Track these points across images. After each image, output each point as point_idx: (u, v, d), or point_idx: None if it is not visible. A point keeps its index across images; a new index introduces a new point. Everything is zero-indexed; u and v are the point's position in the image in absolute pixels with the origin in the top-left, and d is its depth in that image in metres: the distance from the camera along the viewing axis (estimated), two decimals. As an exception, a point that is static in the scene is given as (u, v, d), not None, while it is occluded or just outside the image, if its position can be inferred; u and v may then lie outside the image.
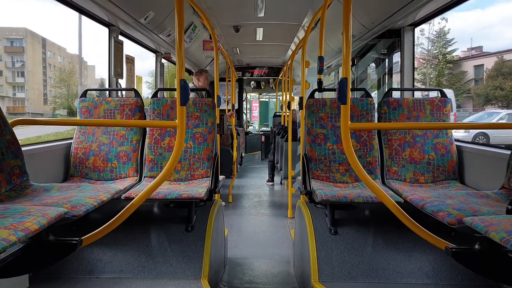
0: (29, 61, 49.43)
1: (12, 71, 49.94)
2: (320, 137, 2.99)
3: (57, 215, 1.47)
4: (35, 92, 49.29)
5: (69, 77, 43.95)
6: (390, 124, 2.97)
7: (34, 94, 49.42)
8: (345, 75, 1.69)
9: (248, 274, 3.12)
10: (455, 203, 1.79)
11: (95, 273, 2.29)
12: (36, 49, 49.52)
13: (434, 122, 2.98)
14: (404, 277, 2.25)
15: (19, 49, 49.00)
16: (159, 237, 2.47)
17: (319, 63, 2.97)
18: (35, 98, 46.57)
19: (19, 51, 49.07)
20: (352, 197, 2.33)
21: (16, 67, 49.82)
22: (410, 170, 2.91)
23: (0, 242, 1.11)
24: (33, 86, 49.07)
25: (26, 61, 49.12)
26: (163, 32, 4.25)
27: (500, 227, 1.30)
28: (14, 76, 49.95)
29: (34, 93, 49.39)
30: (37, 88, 48.38)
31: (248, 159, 9.94)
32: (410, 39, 3.88)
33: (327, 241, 2.44)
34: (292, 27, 5.27)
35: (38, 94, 47.25)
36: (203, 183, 2.79)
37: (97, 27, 3.95)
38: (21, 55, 49.09)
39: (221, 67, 7.98)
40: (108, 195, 2.00)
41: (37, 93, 48.04)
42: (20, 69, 49.67)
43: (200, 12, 3.38)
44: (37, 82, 49.71)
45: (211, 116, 3.06)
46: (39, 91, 47.83)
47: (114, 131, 2.99)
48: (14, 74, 49.97)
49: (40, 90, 48.10)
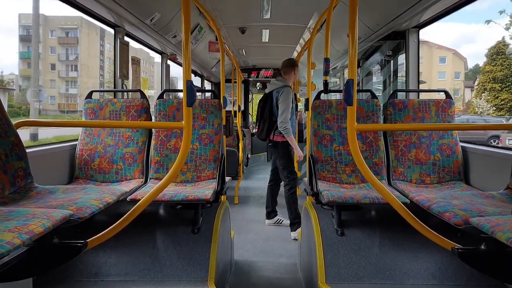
0: (82, 54, 45.69)
1: (66, 64, 46.53)
2: (326, 138, 2.99)
3: (62, 217, 1.45)
4: (89, 88, 46.27)
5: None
6: (396, 125, 2.97)
7: (88, 90, 46.30)
8: (351, 76, 1.69)
9: (255, 276, 3.12)
10: (461, 203, 1.79)
11: (100, 276, 2.29)
12: (92, 40, 45.96)
13: (440, 123, 2.96)
14: (410, 278, 2.25)
15: (73, 40, 45.62)
16: (165, 239, 2.47)
17: (325, 65, 2.97)
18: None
19: (73, 43, 45.68)
20: (358, 198, 2.33)
21: (70, 60, 46.33)
22: (416, 171, 2.90)
23: (4, 245, 1.09)
24: (87, 81, 45.42)
25: (79, 53, 45.70)
26: (169, 33, 4.27)
27: (506, 227, 1.30)
28: (68, 70, 46.55)
29: (88, 89, 46.78)
30: (92, 83, 44.88)
31: (254, 160, 9.94)
32: (415, 41, 3.88)
33: (333, 242, 2.43)
34: (298, 29, 5.27)
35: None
36: (209, 185, 2.79)
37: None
38: (75, 47, 45.76)
39: (227, 68, 7.99)
40: (113, 197, 1.98)
41: (92, 89, 46.24)
42: (74, 62, 46.33)
43: (206, 13, 3.40)
44: (93, 76, 46.24)
45: (217, 117, 3.07)
46: (95, 86, 44.02)
47: (120, 132, 3.00)
48: (68, 68, 46.57)
49: (96, 85, 44.68)
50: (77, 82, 46.38)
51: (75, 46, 46.05)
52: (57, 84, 46.34)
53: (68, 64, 46.57)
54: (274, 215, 4.46)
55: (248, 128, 9.80)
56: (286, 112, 3.86)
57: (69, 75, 46.73)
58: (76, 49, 46.11)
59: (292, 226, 4.09)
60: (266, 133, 4.12)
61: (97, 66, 47.42)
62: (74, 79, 46.83)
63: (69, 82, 47.12)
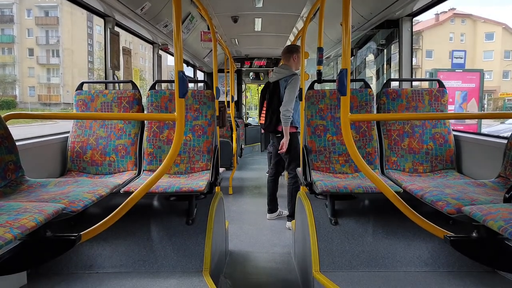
0: (65, 36, 38.40)
1: (46, 49, 39.24)
2: (320, 129, 2.99)
3: (54, 211, 1.44)
4: (74, 77, 37.86)
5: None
6: (390, 115, 2.98)
7: (73, 79, 37.90)
8: (344, 66, 1.68)
9: (250, 266, 3.14)
10: (453, 192, 1.80)
11: (95, 268, 2.28)
12: (76, 21, 38.49)
13: (433, 112, 2.98)
14: (403, 265, 2.28)
15: (54, 20, 38.32)
16: (160, 231, 2.47)
17: (319, 54, 2.95)
18: (75, 84, 39.37)
19: (54, 23, 38.40)
20: (352, 188, 2.35)
21: (51, 44, 39.04)
22: (409, 160, 2.91)
23: None
24: (72, 69, 38.66)
25: (61, 35, 38.47)
26: (160, 23, 4.20)
27: (498, 216, 1.32)
28: (49, 56, 39.32)
29: (73, 78, 37.70)
30: (78, 70, 38.66)
31: (248, 151, 9.94)
32: (408, 30, 3.87)
33: (327, 231, 2.45)
34: (291, 18, 5.23)
35: (80, 79, 35.62)
36: (203, 176, 2.78)
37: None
38: (57, 28, 38.49)
39: (219, 58, 7.92)
40: (106, 189, 1.97)
41: (79, 78, 35.55)
42: (55, 47, 39.20)
43: (198, 2, 3.34)
44: (79, 64, 39.41)
45: (210, 108, 3.04)
46: (81, 74, 38.05)
47: (112, 124, 2.97)
48: (49, 53, 39.25)
49: (84, 74, 38.36)
50: (59, 70, 40.35)
51: (56, 28, 39.12)
52: (36, 72, 39.61)
53: (48, 49, 39.50)
54: (276, 209, 4.42)
55: (242, 119, 9.78)
56: (291, 101, 3.80)
57: (51, 62, 39.70)
58: (57, 31, 39.17)
59: (290, 217, 4.07)
60: (274, 125, 4.01)
61: (84, 51, 40.80)
62: (57, 67, 39.90)
63: (51, 70, 40.14)
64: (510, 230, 1.20)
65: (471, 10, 37.19)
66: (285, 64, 4.08)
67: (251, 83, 11.39)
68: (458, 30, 37.96)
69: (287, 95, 3.83)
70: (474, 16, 38.27)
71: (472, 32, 37.65)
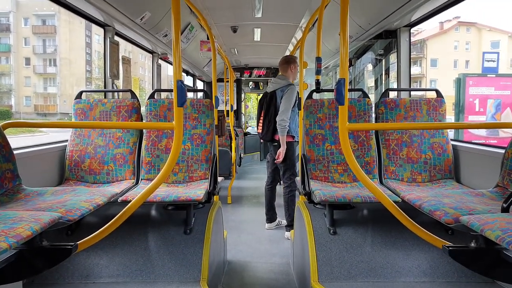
0: (62, 45, 38.28)
1: (43, 58, 39.23)
2: (318, 138, 2.99)
3: (50, 220, 1.43)
4: (72, 87, 37.52)
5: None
6: (388, 125, 2.99)
7: (70, 89, 37.70)
8: (342, 75, 1.69)
9: (248, 276, 3.11)
10: (451, 202, 1.80)
11: (91, 278, 2.26)
12: (74, 30, 38.32)
13: (431, 122, 2.99)
14: (402, 276, 2.27)
15: (51, 29, 38.32)
16: (157, 240, 2.45)
17: (317, 64, 2.97)
18: (73, 94, 39.03)
19: (51, 32, 38.41)
20: (350, 197, 2.34)
21: (48, 53, 39.08)
22: (408, 169, 2.91)
23: None
24: (69, 78, 38.48)
25: (58, 45, 38.39)
26: (160, 32, 4.23)
27: (495, 226, 1.31)
28: (45, 65, 39.27)
29: (70, 88, 37.37)
30: (76, 80, 38.35)
31: (247, 160, 9.93)
32: (406, 40, 3.90)
33: (326, 241, 2.43)
34: (290, 28, 5.27)
35: (77, 88, 33.63)
36: (201, 185, 2.77)
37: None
38: (54, 37, 38.42)
39: (219, 67, 7.96)
40: (104, 198, 1.96)
41: (76, 88, 36.30)
42: (52, 56, 39.10)
43: (197, 12, 3.37)
44: (76, 73, 39.23)
45: (209, 117, 3.05)
46: (79, 83, 37.68)
47: (110, 133, 2.97)
48: (46, 62, 39.23)
49: (82, 84, 38.03)
50: (56, 79, 39.45)
51: (53, 37, 39.09)
52: (33, 82, 39.47)
53: (45, 58, 39.54)
54: (275, 219, 4.39)
55: (241, 128, 9.79)
56: (287, 111, 3.84)
57: (47, 71, 39.64)
58: (55, 40, 39.09)
59: (289, 227, 4.06)
60: (271, 134, 4.04)
61: (82, 60, 40.58)
62: (54, 76, 39.81)
63: (48, 79, 40.07)
64: (507, 240, 1.19)
65: (474, 18, 36.64)
66: (282, 75, 4.13)
67: (251, 92, 11.43)
68: (463, 38, 37.79)
69: (283, 105, 3.87)
70: (479, 24, 37.99)
71: (477, 40, 37.38)
